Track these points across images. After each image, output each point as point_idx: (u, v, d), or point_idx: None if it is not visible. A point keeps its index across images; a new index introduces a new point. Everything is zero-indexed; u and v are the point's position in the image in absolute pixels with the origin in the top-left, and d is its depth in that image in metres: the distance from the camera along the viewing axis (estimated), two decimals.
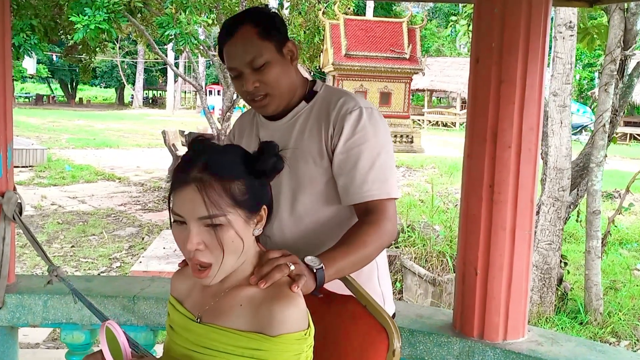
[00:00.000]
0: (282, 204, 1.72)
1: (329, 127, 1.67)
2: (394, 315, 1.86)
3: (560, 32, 5.51)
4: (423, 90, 34.05)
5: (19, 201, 2.56)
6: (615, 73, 5.33)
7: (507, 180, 2.16)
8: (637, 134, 25.72)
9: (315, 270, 1.44)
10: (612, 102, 5.41)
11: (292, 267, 1.36)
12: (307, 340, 1.24)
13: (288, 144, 1.70)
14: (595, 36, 6.16)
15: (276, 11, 1.73)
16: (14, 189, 2.61)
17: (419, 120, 31.23)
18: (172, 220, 1.27)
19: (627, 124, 27.35)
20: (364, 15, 23.74)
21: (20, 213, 2.57)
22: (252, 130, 1.84)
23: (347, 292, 1.58)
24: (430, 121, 30.68)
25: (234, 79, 1.69)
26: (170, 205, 1.25)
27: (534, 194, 2.21)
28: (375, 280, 1.77)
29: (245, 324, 1.23)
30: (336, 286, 1.58)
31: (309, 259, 1.46)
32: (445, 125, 30.20)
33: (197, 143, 1.30)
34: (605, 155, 5.50)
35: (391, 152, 1.70)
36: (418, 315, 2.45)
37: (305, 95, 1.75)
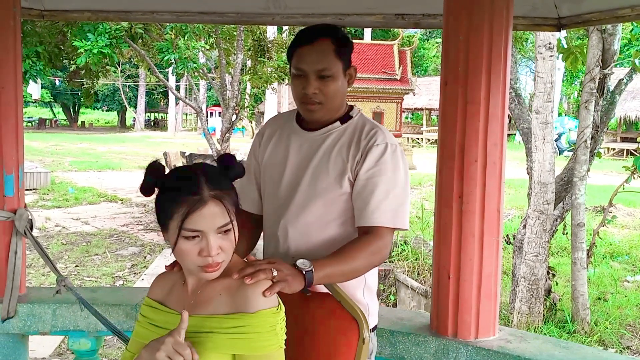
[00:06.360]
0: (291, 210, 1.93)
1: (357, 153, 1.87)
2: (375, 327, 2.02)
3: (541, 53, 5.74)
4: (421, 109, 34.40)
5: (29, 217, 2.77)
6: (595, 91, 5.56)
7: (475, 192, 2.36)
8: (634, 150, 25.87)
9: (304, 272, 1.63)
10: (593, 119, 5.63)
11: (275, 273, 1.53)
12: (279, 314, 1.47)
13: (315, 155, 1.92)
14: (578, 55, 6.39)
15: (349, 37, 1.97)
16: (25, 206, 2.82)
17: (418, 139, 31.42)
18: (179, 237, 1.41)
19: (623, 139, 27.51)
20: (362, 37, 24.18)
21: (31, 229, 2.78)
22: (283, 134, 2.04)
23: (325, 290, 1.81)
24: (429, 139, 30.83)
25: (296, 77, 1.89)
26: (182, 226, 1.40)
27: (499, 203, 2.41)
28: (361, 293, 1.94)
29: (227, 308, 1.45)
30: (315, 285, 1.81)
31: (300, 262, 1.66)
32: None
33: (184, 168, 1.54)
34: (588, 170, 5.71)
35: (407, 189, 1.90)
36: (399, 318, 2.65)
37: (342, 117, 1.97)
